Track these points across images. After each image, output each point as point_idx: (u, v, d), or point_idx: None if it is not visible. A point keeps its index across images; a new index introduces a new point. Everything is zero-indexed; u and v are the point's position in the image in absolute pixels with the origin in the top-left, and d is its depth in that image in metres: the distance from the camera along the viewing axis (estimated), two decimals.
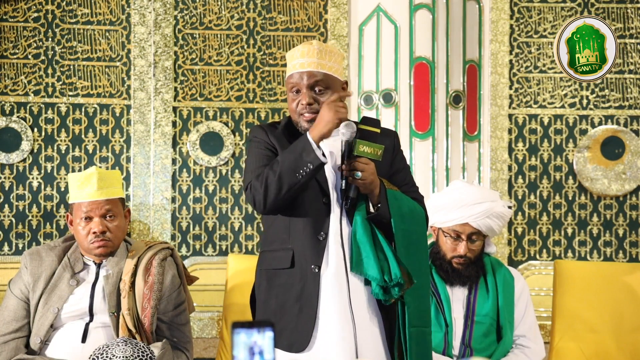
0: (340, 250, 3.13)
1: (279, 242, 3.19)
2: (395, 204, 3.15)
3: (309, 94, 3.17)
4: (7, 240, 4.78)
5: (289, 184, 3.07)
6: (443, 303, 3.89)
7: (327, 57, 3.19)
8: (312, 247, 3.13)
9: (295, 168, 3.06)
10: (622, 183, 5.00)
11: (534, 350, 3.98)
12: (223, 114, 4.91)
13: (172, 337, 3.72)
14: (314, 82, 3.17)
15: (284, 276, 3.15)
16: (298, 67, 3.18)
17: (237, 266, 4.39)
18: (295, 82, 3.19)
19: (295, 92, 3.20)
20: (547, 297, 4.82)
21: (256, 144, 3.25)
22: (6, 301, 3.73)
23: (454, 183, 4.11)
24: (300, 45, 3.23)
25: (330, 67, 3.19)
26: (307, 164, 3.05)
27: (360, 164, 3.09)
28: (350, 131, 3.11)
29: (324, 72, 3.18)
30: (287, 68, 3.24)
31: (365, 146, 3.10)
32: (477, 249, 3.93)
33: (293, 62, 3.21)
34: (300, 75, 3.18)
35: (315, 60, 3.17)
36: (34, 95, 4.82)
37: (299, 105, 3.18)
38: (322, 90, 3.18)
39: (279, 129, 3.27)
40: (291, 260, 3.15)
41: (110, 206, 3.70)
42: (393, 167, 3.27)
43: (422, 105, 4.82)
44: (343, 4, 4.91)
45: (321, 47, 3.19)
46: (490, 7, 4.96)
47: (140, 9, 4.86)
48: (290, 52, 3.25)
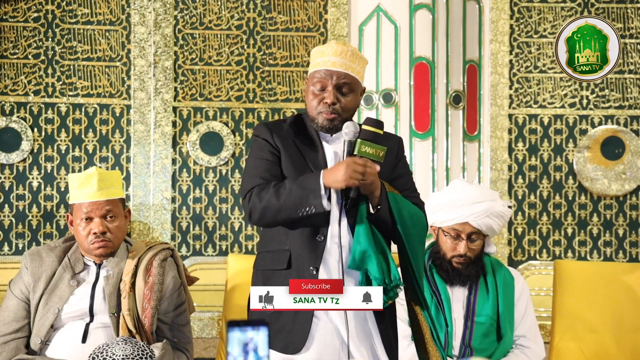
0: (337, 251, 3.12)
1: (277, 243, 3.19)
2: (396, 206, 3.15)
3: (335, 94, 3.17)
4: (7, 240, 4.78)
5: (287, 215, 3.09)
6: (443, 303, 3.89)
7: (357, 61, 3.20)
8: (310, 249, 3.12)
9: (298, 205, 3.06)
10: (622, 183, 5.01)
11: (534, 351, 3.98)
12: (223, 114, 4.91)
13: (173, 338, 3.72)
14: (343, 83, 3.17)
15: (280, 277, 3.13)
16: (329, 64, 3.17)
17: (237, 266, 4.39)
18: (322, 79, 3.17)
19: (319, 89, 3.19)
20: (547, 297, 4.82)
21: (258, 145, 3.24)
22: (6, 301, 3.73)
23: (454, 182, 4.11)
24: (333, 43, 3.21)
25: (358, 72, 3.21)
26: (311, 207, 3.05)
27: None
28: (353, 131, 3.11)
29: (353, 75, 3.18)
30: (315, 62, 3.21)
31: (367, 147, 3.09)
32: (477, 249, 3.93)
33: (323, 59, 3.19)
34: (330, 73, 3.16)
35: (347, 62, 3.17)
36: (34, 95, 4.82)
37: (322, 103, 3.17)
38: (347, 92, 3.18)
39: (284, 127, 3.26)
40: (288, 262, 3.14)
41: (110, 207, 3.70)
42: (395, 172, 3.26)
43: (422, 105, 4.83)
44: (343, 4, 4.91)
45: (354, 51, 3.20)
46: (490, 7, 4.96)
47: (140, 9, 4.86)
48: (320, 47, 3.23)
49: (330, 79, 3.16)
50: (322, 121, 3.18)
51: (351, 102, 3.20)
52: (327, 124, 3.17)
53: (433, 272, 3.94)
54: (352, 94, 3.19)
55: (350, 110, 3.20)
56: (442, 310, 3.89)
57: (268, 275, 3.19)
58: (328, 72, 3.17)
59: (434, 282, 3.92)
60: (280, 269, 3.15)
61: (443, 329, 3.88)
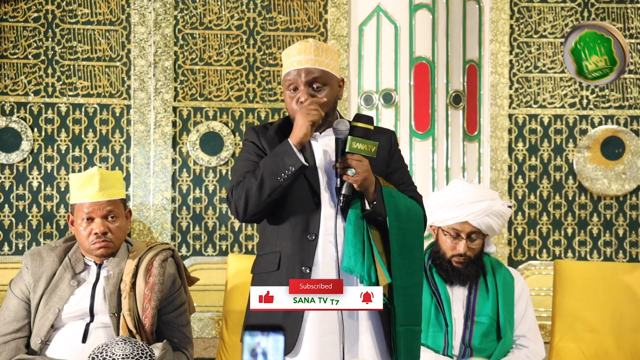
0: (333, 250, 3.11)
1: (270, 246, 3.18)
2: (391, 201, 3.13)
3: (307, 91, 3.15)
4: (7, 240, 4.78)
5: (270, 187, 3.07)
6: (443, 303, 3.89)
7: (323, 54, 3.18)
8: (301, 248, 3.11)
9: (277, 171, 3.06)
10: (622, 183, 5.01)
11: (534, 351, 3.99)
12: (223, 114, 4.91)
13: (173, 338, 3.72)
14: (312, 78, 3.15)
15: (271, 279, 3.12)
16: (295, 64, 3.17)
17: (237, 266, 4.39)
18: (292, 80, 3.17)
19: (292, 90, 3.18)
20: (547, 297, 4.82)
21: (246, 147, 3.25)
22: (7, 301, 3.74)
23: (454, 182, 4.11)
24: (297, 43, 3.22)
25: (327, 64, 3.18)
26: (289, 167, 3.05)
27: (353, 160, 3.08)
28: (343, 129, 3.10)
29: (321, 68, 3.16)
30: (284, 66, 3.22)
31: (358, 143, 3.09)
32: (477, 248, 3.94)
33: (290, 60, 3.19)
34: (297, 72, 3.16)
35: (312, 57, 3.16)
36: (34, 95, 4.82)
37: (297, 103, 3.16)
38: (320, 87, 3.16)
39: (271, 130, 3.25)
40: (278, 263, 3.13)
41: (112, 207, 3.70)
42: (390, 166, 3.25)
43: (422, 105, 4.83)
44: (343, 4, 4.91)
45: (317, 45, 3.18)
46: (490, 7, 4.96)
47: (140, 9, 4.86)
48: (286, 50, 3.24)
49: (299, 77, 3.16)
50: None
51: (327, 96, 3.17)
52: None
53: (433, 272, 3.94)
54: (325, 88, 3.17)
55: (328, 104, 3.17)
56: (442, 310, 3.89)
57: (262, 278, 3.17)
58: (296, 72, 3.16)
59: (433, 282, 3.93)
60: (271, 270, 3.14)
61: (443, 328, 3.88)
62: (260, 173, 3.08)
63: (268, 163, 3.09)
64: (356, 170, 3.07)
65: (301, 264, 3.10)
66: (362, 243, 3.09)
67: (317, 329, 3.09)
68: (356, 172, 3.07)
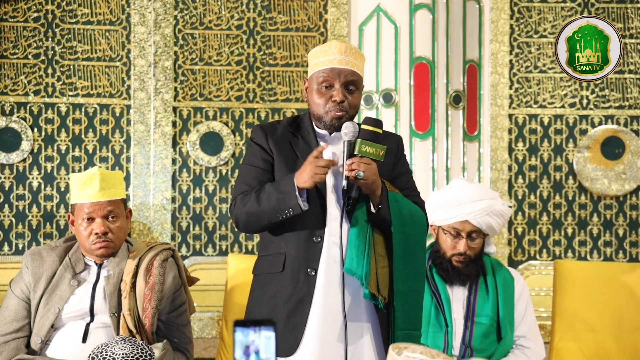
0: (337, 251, 3.11)
1: (274, 247, 3.18)
2: (396, 206, 3.13)
3: (343, 92, 3.15)
4: (7, 240, 4.78)
5: (269, 220, 3.10)
6: (443, 303, 3.89)
7: (359, 59, 3.20)
8: (306, 250, 3.11)
9: (277, 209, 3.07)
10: (622, 183, 5.01)
11: (534, 351, 3.98)
12: (223, 114, 4.91)
13: (173, 338, 3.72)
14: (351, 80, 3.16)
15: (275, 280, 3.13)
16: (335, 63, 3.15)
17: (237, 266, 4.39)
18: (327, 77, 3.15)
19: (325, 87, 3.16)
20: (547, 297, 4.82)
21: (252, 150, 3.24)
22: (7, 301, 3.73)
23: (454, 181, 4.11)
24: (337, 42, 3.20)
25: (361, 69, 3.21)
26: (289, 209, 3.06)
27: (362, 163, 3.08)
28: (353, 131, 3.10)
29: (358, 72, 3.18)
30: (318, 62, 3.19)
31: (367, 146, 3.08)
32: (477, 247, 3.93)
33: (328, 57, 3.17)
34: (337, 71, 3.15)
35: (352, 59, 3.17)
36: (34, 95, 4.82)
37: (330, 102, 3.15)
38: (354, 90, 3.18)
39: (279, 129, 3.24)
40: (283, 264, 3.13)
41: (112, 207, 3.70)
42: (395, 171, 3.25)
43: (422, 105, 4.83)
44: (343, 4, 4.91)
45: (355, 48, 3.20)
46: (490, 7, 4.96)
47: (140, 9, 4.86)
48: (322, 46, 3.21)
49: (338, 77, 3.15)
50: (330, 119, 3.16)
51: (357, 99, 3.19)
52: (335, 122, 3.15)
53: (433, 272, 3.94)
54: (357, 92, 3.19)
55: (356, 108, 3.20)
56: (442, 311, 3.89)
57: (266, 279, 3.17)
58: (334, 70, 3.15)
59: (433, 283, 3.93)
60: (275, 272, 3.13)
61: (443, 329, 3.88)
62: (263, 204, 3.09)
63: (271, 197, 3.08)
64: (364, 173, 3.06)
65: (306, 266, 3.10)
66: (365, 245, 3.09)
67: (320, 330, 3.08)
68: (364, 176, 3.07)
